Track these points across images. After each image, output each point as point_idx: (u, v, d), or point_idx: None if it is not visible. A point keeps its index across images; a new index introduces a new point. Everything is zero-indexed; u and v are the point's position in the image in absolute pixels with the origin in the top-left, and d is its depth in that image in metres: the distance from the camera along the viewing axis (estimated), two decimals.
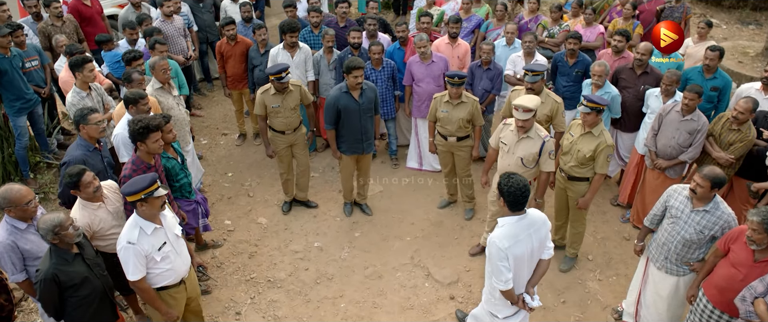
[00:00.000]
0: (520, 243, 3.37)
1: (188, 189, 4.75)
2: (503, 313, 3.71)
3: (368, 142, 5.63)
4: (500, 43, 6.92)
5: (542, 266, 3.64)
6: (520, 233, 3.37)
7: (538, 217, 3.50)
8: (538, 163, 4.70)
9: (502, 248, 3.31)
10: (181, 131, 5.62)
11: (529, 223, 3.42)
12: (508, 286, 3.41)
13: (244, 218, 6.11)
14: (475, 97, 5.55)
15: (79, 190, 3.76)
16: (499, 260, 3.34)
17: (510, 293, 3.47)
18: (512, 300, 3.56)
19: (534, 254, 3.52)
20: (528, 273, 3.60)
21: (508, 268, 3.36)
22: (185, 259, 3.85)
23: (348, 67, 5.19)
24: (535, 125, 4.66)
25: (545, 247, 3.59)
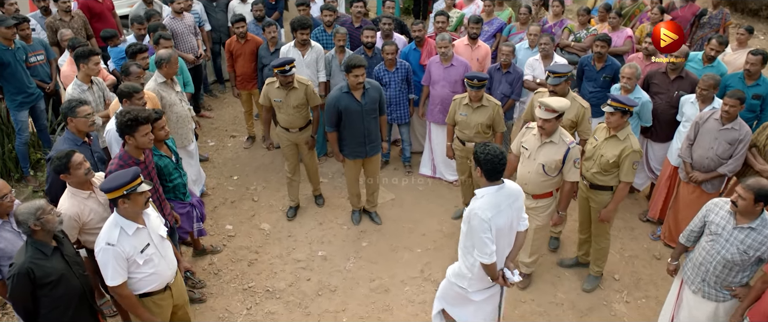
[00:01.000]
0: (501, 213, 3.26)
1: (182, 190, 4.46)
2: (475, 288, 3.53)
3: (372, 145, 5.29)
4: (522, 45, 6.54)
5: (520, 239, 3.54)
6: (501, 202, 3.27)
7: (514, 187, 3.41)
8: (562, 171, 4.30)
9: (486, 219, 3.18)
10: (182, 129, 5.38)
11: (507, 193, 3.32)
12: (492, 259, 3.27)
13: (246, 223, 5.80)
14: (497, 101, 5.18)
15: (69, 173, 3.55)
16: (483, 232, 3.20)
17: (493, 267, 3.32)
18: (493, 275, 3.40)
19: (512, 226, 3.43)
20: (507, 246, 3.47)
21: (492, 240, 3.23)
22: (171, 263, 3.54)
23: (348, 66, 4.87)
24: (560, 130, 4.27)
25: (521, 219, 3.50)
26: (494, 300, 3.69)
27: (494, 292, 3.62)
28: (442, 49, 5.76)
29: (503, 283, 3.44)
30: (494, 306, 3.72)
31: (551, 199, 4.48)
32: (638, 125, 5.39)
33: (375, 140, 5.31)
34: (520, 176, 4.47)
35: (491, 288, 3.57)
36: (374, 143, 5.32)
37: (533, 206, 4.48)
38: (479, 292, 3.57)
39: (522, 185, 4.43)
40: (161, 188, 4.14)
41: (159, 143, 4.24)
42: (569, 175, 4.29)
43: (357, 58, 4.87)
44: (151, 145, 3.82)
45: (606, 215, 4.48)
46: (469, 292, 3.57)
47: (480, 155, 3.24)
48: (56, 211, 3.24)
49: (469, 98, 5.10)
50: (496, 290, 3.62)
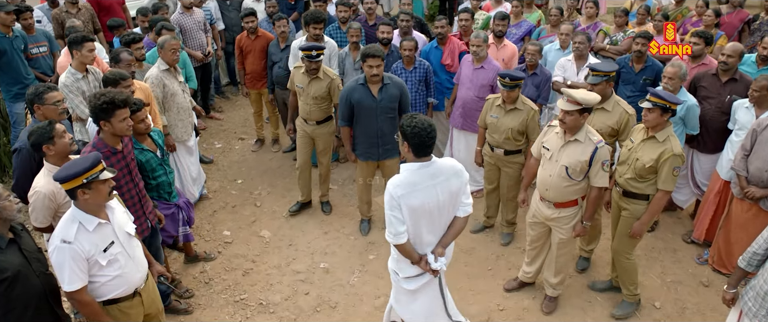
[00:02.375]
0: (417, 193, 2.97)
1: (167, 189, 4.04)
2: (405, 272, 3.28)
3: (386, 148, 4.80)
4: (553, 46, 6.01)
5: (457, 225, 3.23)
6: (420, 181, 2.98)
7: (447, 166, 3.08)
8: (588, 175, 3.74)
9: (394, 196, 2.95)
10: (183, 122, 5.03)
11: (433, 172, 3.01)
12: (399, 240, 3.04)
13: (245, 229, 5.35)
14: (533, 105, 4.61)
15: (53, 142, 3.22)
16: (390, 209, 3.00)
17: (404, 248, 3.09)
18: (410, 258, 3.15)
19: (442, 209, 3.10)
20: (433, 229, 3.15)
21: (401, 219, 3.00)
22: (140, 265, 3.09)
23: (363, 55, 4.47)
24: (587, 127, 3.72)
25: (460, 203, 3.18)
26: (432, 291, 3.37)
27: (427, 281, 3.30)
28: (473, 47, 5.25)
29: (425, 268, 3.15)
30: (434, 297, 3.40)
31: (576, 209, 3.92)
32: (683, 133, 4.77)
33: (390, 143, 4.82)
34: (541, 180, 3.92)
35: (422, 276, 3.27)
36: (389, 146, 4.83)
37: (555, 217, 3.93)
38: (410, 280, 3.29)
39: (542, 192, 3.89)
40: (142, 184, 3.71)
41: (141, 136, 3.85)
42: (597, 179, 3.73)
43: (374, 47, 4.46)
44: (129, 132, 3.40)
45: (638, 228, 3.90)
46: (400, 278, 3.32)
47: (406, 129, 2.94)
48: (14, 198, 2.83)
49: (502, 99, 4.58)
50: (431, 279, 3.30)
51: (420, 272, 3.23)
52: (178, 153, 5.10)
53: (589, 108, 3.60)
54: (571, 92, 3.56)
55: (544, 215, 4.02)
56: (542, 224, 4.12)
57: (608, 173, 3.75)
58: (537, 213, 4.10)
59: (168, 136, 4.91)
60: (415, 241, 3.13)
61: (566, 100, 3.60)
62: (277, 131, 6.90)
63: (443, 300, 3.43)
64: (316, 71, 4.89)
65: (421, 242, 3.14)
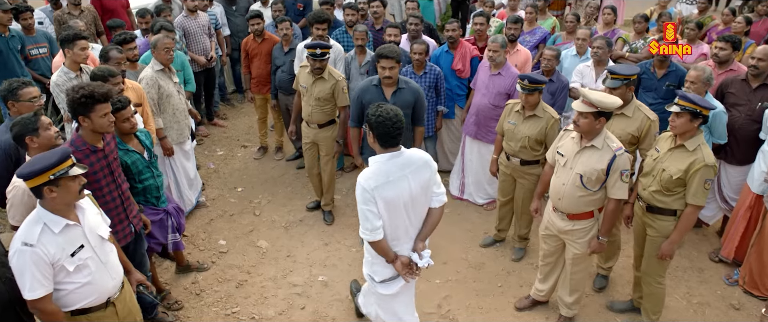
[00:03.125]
0: (391, 184, 2.86)
1: (155, 194, 3.79)
2: (381, 275, 3.15)
3: None
4: (569, 52, 5.73)
5: (433, 217, 3.13)
6: (392, 172, 2.88)
7: (416, 157, 2.98)
8: (605, 185, 3.42)
9: (368, 189, 2.82)
10: (178, 124, 4.83)
11: (404, 162, 2.91)
12: (375, 236, 2.90)
13: (242, 239, 5.08)
14: (555, 113, 4.27)
15: (37, 134, 3.06)
16: (364, 204, 2.85)
17: (380, 246, 2.95)
18: (386, 257, 3.01)
19: (416, 201, 2.99)
20: (409, 225, 3.02)
21: (376, 214, 2.87)
22: (114, 271, 2.84)
23: (377, 55, 4.24)
24: (606, 133, 3.42)
25: (433, 193, 3.08)
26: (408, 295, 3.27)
27: (403, 283, 3.15)
28: (490, 52, 4.96)
29: (402, 269, 3.01)
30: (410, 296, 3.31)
31: (591, 221, 3.59)
32: (709, 142, 4.42)
33: None
34: (554, 189, 3.61)
35: (398, 279, 3.13)
36: None
37: (569, 229, 3.61)
38: (387, 284, 3.15)
39: (555, 201, 3.57)
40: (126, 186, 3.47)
41: (127, 137, 3.62)
42: (614, 190, 3.40)
43: (388, 47, 4.24)
44: (111, 129, 3.17)
45: (667, 249, 3.54)
46: (375, 283, 3.18)
47: (371, 117, 2.85)
48: None
49: (521, 105, 4.28)
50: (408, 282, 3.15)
51: (396, 274, 3.09)
52: (174, 156, 4.87)
53: (606, 113, 3.30)
54: (586, 92, 3.28)
55: (557, 227, 3.70)
56: (556, 237, 3.80)
57: (628, 185, 3.43)
58: (550, 225, 3.78)
59: (164, 139, 4.70)
60: (392, 237, 3.00)
61: (582, 100, 3.31)
62: (281, 139, 6.67)
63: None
64: (320, 71, 4.68)
65: (398, 239, 3.02)
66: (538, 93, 4.14)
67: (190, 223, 5.29)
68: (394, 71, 4.22)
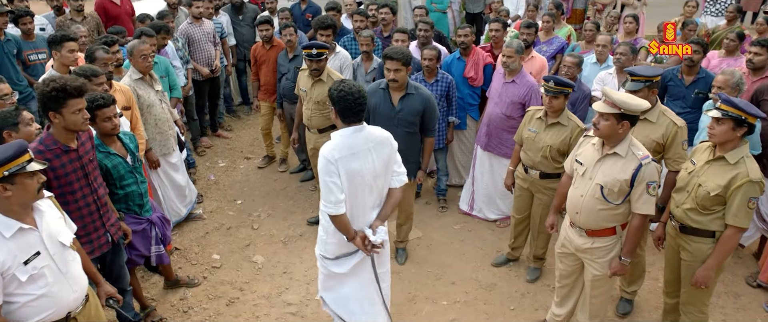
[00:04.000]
0: (356, 156, 2.85)
1: (138, 201, 3.51)
2: (333, 253, 3.09)
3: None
4: (589, 60, 5.39)
5: (393, 196, 3.10)
6: (356, 145, 2.87)
7: (377, 132, 2.99)
8: (628, 198, 3.06)
9: (332, 160, 2.79)
10: (162, 135, 4.57)
11: (367, 136, 2.92)
12: (338, 210, 2.84)
13: (237, 253, 4.78)
14: (580, 122, 3.90)
15: (16, 130, 2.93)
16: (328, 175, 2.81)
17: (342, 220, 2.88)
18: (347, 234, 2.94)
19: (378, 177, 2.97)
20: (371, 202, 3.00)
21: (340, 186, 2.82)
22: (76, 282, 2.54)
23: (383, 55, 3.98)
24: (631, 139, 3.06)
25: (393, 172, 3.08)
26: (364, 273, 3.15)
27: (359, 261, 3.09)
28: (504, 58, 4.62)
29: (362, 246, 2.94)
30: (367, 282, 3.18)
31: (613, 239, 3.21)
32: None
33: (405, 162, 4.18)
34: (571, 201, 3.25)
35: (353, 256, 3.08)
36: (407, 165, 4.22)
37: (587, 247, 3.24)
38: (340, 261, 3.09)
39: (572, 216, 3.21)
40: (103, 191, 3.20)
41: (109, 139, 3.36)
42: (639, 204, 3.03)
43: (395, 48, 3.99)
44: (85, 126, 2.91)
45: (703, 276, 3.14)
46: (328, 261, 3.12)
47: (333, 92, 2.86)
48: None
49: (544, 111, 3.94)
50: (363, 261, 3.10)
51: (350, 251, 3.03)
52: (160, 169, 4.62)
53: (630, 116, 2.95)
54: (609, 91, 2.94)
55: (574, 245, 3.33)
56: (573, 255, 3.43)
57: (655, 198, 3.05)
58: (567, 242, 3.41)
59: (149, 151, 4.45)
60: (352, 214, 2.94)
61: (603, 100, 2.98)
62: (286, 150, 6.40)
63: (379, 287, 3.20)
64: (318, 73, 4.43)
65: (358, 216, 2.97)
66: (564, 98, 3.78)
67: (184, 236, 5.01)
68: (400, 74, 3.92)
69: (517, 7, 8.49)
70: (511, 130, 4.68)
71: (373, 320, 3.29)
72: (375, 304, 3.25)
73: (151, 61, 4.40)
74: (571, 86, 3.75)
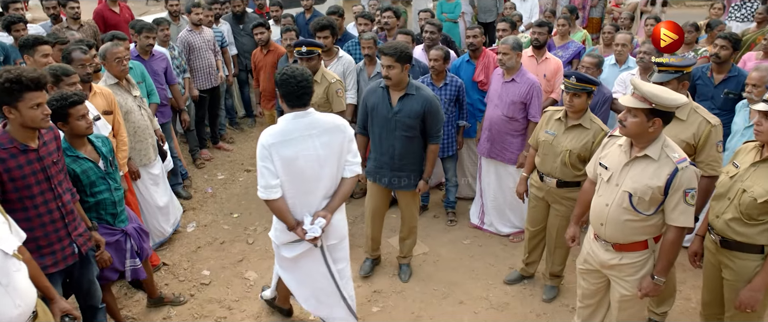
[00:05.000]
0: (291, 142, 2.83)
1: (111, 210, 3.21)
2: (281, 239, 3.10)
3: (399, 175, 3.88)
4: (608, 61, 5.03)
5: (343, 187, 3.05)
6: (293, 131, 2.84)
7: (327, 120, 2.94)
8: (662, 208, 2.67)
9: (265, 145, 2.81)
10: (141, 143, 4.30)
11: (310, 122, 2.87)
12: (269, 194, 2.86)
13: (229, 269, 4.45)
14: (604, 126, 3.52)
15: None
16: (261, 160, 2.83)
17: (276, 205, 2.89)
18: (285, 221, 2.94)
19: (324, 164, 2.92)
20: (318, 190, 2.96)
21: (272, 172, 2.83)
22: (22, 297, 2.23)
23: (380, 50, 3.66)
24: (665, 140, 2.68)
25: (346, 162, 3.03)
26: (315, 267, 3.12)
27: (306, 252, 3.07)
28: (499, 54, 4.33)
29: (303, 237, 2.91)
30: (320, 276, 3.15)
31: (645, 254, 2.82)
32: None
33: (405, 169, 3.88)
34: (595, 211, 2.87)
35: (298, 245, 3.06)
36: (402, 173, 3.89)
37: (614, 263, 2.85)
38: (288, 247, 3.08)
39: (597, 227, 2.82)
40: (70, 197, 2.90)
41: (79, 141, 3.08)
42: (675, 215, 2.64)
43: (390, 43, 3.68)
44: (44, 123, 2.63)
45: (749, 297, 2.72)
46: (278, 246, 3.13)
47: (277, 76, 2.86)
48: None
49: (564, 111, 3.56)
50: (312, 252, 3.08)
51: (296, 239, 2.98)
52: (140, 181, 4.33)
53: (663, 112, 2.57)
54: (639, 83, 2.57)
55: (599, 260, 2.94)
56: (597, 272, 3.03)
57: (694, 208, 2.65)
58: (590, 257, 3.02)
59: (130, 161, 4.17)
60: (295, 202, 2.91)
61: (632, 94, 2.61)
62: None
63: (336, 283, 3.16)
64: (314, 71, 4.13)
65: (302, 204, 2.93)
66: (587, 96, 3.41)
67: (174, 250, 4.70)
68: (394, 71, 3.59)
69: (531, 15, 8.19)
70: (515, 133, 4.34)
71: (329, 312, 3.28)
72: (330, 296, 3.22)
73: (126, 64, 4.14)
74: (594, 83, 3.40)
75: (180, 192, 5.49)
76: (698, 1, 15.32)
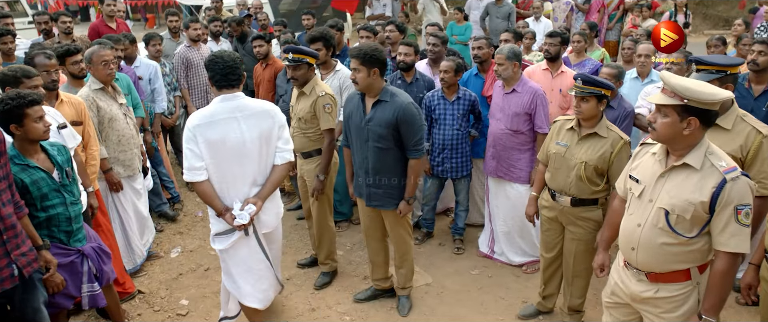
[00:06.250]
0: (216, 125, 2.80)
1: (66, 227, 2.83)
2: (216, 228, 3.02)
3: (376, 191, 3.46)
4: (630, 74, 4.62)
5: (275, 174, 3.01)
6: (218, 113, 2.82)
7: (256, 104, 2.93)
8: (708, 229, 2.21)
9: (190, 127, 2.79)
10: (126, 153, 3.95)
11: (238, 105, 2.85)
12: (194, 176, 2.83)
13: (210, 299, 4.02)
14: (624, 135, 3.10)
15: None
16: (186, 142, 2.81)
17: (202, 188, 2.86)
18: (212, 206, 2.90)
19: (251, 149, 2.88)
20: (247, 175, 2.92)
21: (197, 154, 2.80)
22: None
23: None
24: (709, 146, 2.24)
25: (278, 148, 2.99)
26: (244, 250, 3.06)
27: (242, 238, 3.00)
28: (495, 65, 3.99)
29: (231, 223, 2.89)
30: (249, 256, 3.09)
31: (687, 286, 2.34)
32: None
33: (381, 185, 3.42)
34: (625, 232, 2.42)
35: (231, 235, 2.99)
36: (379, 189, 3.44)
37: (648, 296, 2.38)
38: (220, 238, 3.03)
39: (627, 253, 2.37)
40: (11, 210, 2.52)
41: (31, 147, 2.74)
42: (724, 238, 2.17)
43: (362, 45, 3.34)
44: None
45: None
46: (213, 236, 3.06)
47: (207, 60, 2.88)
48: None
49: (577, 120, 3.15)
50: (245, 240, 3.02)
51: (228, 229, 2.95)
52: (122, 194, 3.97)
53: (700, 111, 2.14)
54: (668, 76, 2.16)
55: (630, 293, 2.47)
56: (627, 306, 2.55)
57: (748, 229, 2.18)
58: (619, 289, 2.55)
59: (110, 172, 3.82)
60: (223, 187, 2.90)
61: (661, 90, 2.19)
62: (288, 183, 5.71)
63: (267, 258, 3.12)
64: (299, 84, 3.78)
65: (229, 189, 2.92)
66: (598, 101, 3.00)
67: (153, 277, 4.30)
68: (359, 75, 3.23)
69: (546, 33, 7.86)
70: (521, 148, 3.93)
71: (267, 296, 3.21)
72: (266, 279, 3.17)
73: (113, 68, 3.85)
74: (605, 86, 2.99)
75: (167, 212, 5.13)
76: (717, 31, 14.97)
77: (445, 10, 9.70)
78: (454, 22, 8.70)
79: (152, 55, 5.41)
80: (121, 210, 4.00)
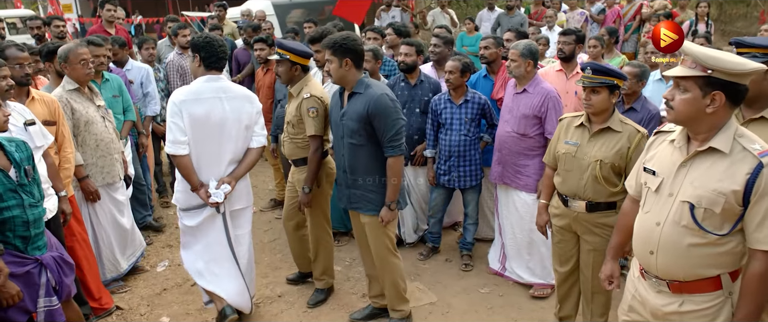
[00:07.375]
0: (201, 102, 2.91)
1: (22, 232, 2.51)
2: (185, 203, 3.10)
3: (354, 192, 3.15)
4: (653, 76, 4.29)
5: (250, 156, 3.16)
6: (204, 91, 2.94)
7: (237, 88, 3.10)
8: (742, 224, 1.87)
9: (176, 102, 2.90)
10: (104, 159, 3.69)
11: (222, 86, 2.99)
12: (177, 149, 2.93)
13: (193, 316, 3.69)
14: (641, 128, 2.79)
15: None
16: (171, 117, 2.91)
17: (183, 162, 2.95)
18: (189, 180, 2.98)
19: (230, 128, 3.01)
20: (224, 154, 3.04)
21: (181, 128, 2.90)
22: None
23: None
24: (737, 128, 1.91)
25: (254, 133, 3.14)
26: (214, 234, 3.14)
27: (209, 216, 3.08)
28: (508, 61, 3.68)
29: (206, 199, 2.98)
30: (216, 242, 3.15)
31: (718, 297, 1.97)
32: None
33: (358, 186, 3.11)
34: (641, 234, 2.07)
35: (202, 210, 3.08)
36: (356, 191, 3.13)
37: (671, 310, 2.02)
38: (190, 214, 3.10)
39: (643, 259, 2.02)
40: None
41: None
42: (763, 234, 1.83)
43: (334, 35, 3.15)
44: None
45: None
46: (181, 212, 3.14)
47: (198, 39, 2.98)
48: None
49: (586, 115, 2.83)
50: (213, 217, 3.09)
51: (199, 204, 3.06)
52: (99, 205, 3.67)
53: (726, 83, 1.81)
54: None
55: (650, 307, 2.10)
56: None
57: None
58: (637, 303, 2.18)
59: (86, 180, 3.54)
60: (201, 165, 3.01)
61: (681, 61, 1.88)
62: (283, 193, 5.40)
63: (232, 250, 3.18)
64: (284, 81, 3.49)
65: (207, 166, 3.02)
66: (610, 93, 2.70)
67: (134, 292, 3.99)
68: (332, 67, 3.01)
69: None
70: (529, 153, 3.60)
71: (217, 284, 3.19)
72: (223, 264, 3.18)
73: (92, 68, 3.59)
74: (617, 75, 2.70)
75: (152, 223, 4.84)
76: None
77: (456, 22, 9.45)
78: (464, 33, 8.43)
79: (145, 58, 5.22)
80: (95, 222, 3.69)
